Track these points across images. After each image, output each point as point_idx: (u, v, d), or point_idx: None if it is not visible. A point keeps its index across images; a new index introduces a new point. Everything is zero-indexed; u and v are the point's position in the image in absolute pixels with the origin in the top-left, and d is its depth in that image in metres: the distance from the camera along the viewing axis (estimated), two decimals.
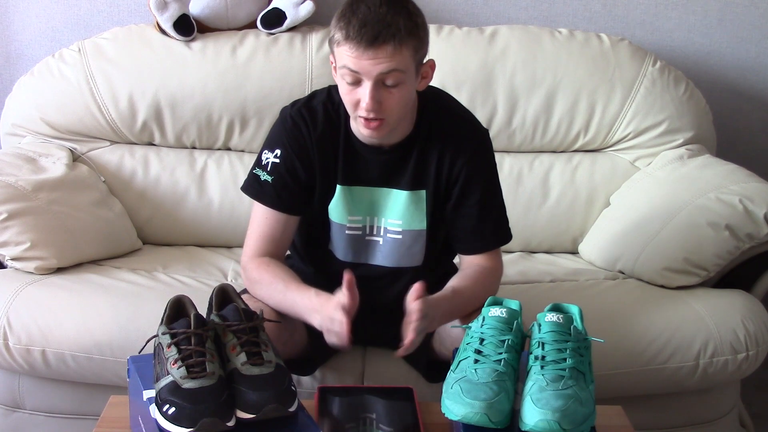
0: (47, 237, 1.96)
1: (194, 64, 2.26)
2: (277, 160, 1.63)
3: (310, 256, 1.79)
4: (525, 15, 2.53)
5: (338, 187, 1.66)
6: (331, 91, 1.66)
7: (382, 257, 1.71)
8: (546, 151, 2.38)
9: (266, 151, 1.66)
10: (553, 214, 2.33)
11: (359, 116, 1.52)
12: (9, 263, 1.96)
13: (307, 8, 2.31)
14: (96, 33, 2.34)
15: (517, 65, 2.31)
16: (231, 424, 1.21)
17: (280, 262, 1.68)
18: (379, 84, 1.48)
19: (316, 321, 1.52)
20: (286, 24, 2.32)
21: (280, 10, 2.31)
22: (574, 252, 2.35)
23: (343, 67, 1.49)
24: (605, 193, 2.34)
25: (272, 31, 2.33)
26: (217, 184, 2.30)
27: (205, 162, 2.32)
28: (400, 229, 1.68)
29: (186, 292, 1.51)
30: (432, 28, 2.15)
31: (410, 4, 1.50)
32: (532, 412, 1.23)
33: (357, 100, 1.51)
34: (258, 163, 1.66)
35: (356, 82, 1.49)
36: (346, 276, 1.44)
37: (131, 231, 2.24)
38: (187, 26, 2.28)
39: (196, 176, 2.31)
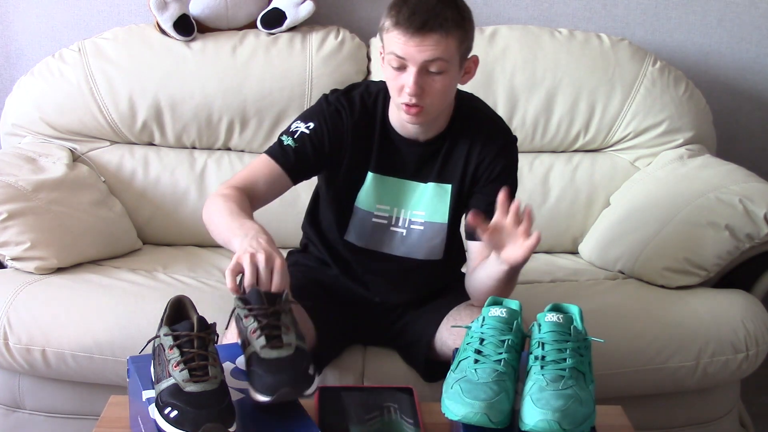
0: (47, 237, 1.96)
1: (194, 64, 2.26)
2: (307, 131, 1.65)
3: (325, 243, 1.80)
4: (525, 15, 2.53)
5: (370, 174, 1.68)
6: (369, 85, 1.71)
7: (402, 249, 1.73)
8: (546, 151, 2.38)
9: (299, 122, 1.67)
10: (553, 214, 2.33)
11: (401, 102, 1.55)
12: (9, 263, 1.96)
13: (307, 8, 2.31)
14: (96, 33, 2.34)
15: (517, 65, 2.31)
16: (232, 429, 1.21)
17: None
18: (423, 70, 1.52)
19: (251, 239, 1.40)
20: (286, 24, 2.32)
21: (280, 10, 2.31)
22: (574, 252, 2.35)
23: (391, 53, 1.53)
24: (605, 193, 2.34)
25: (272, 31, 2.32)
26: (217, 184, 2.29)
27: (205, 162, 2.32)
28: (422, 221, 1.70)
29: (186, 292, 1.51)
30: None
31: (459, 0, 1.55)
32: (532, 412, 1.23)
33: (401, 86, 1.54)
34: (287, 130, 1.67)
35: (401, 68, 1.53)
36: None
37: (131, 231, 2.24)
38: (187, 26, 2.28)
39: (196, 176, 2.31)
